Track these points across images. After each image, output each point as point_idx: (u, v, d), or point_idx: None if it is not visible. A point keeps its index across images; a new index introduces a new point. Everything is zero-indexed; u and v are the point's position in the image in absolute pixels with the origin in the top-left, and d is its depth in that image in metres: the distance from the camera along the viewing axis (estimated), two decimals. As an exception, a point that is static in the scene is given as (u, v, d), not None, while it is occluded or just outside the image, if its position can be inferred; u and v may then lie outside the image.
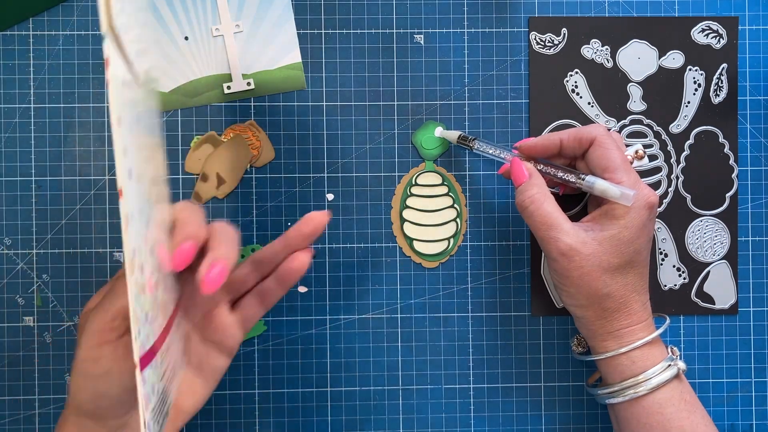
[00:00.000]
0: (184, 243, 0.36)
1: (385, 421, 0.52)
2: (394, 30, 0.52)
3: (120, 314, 0.36)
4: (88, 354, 0.36)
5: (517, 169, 0.46)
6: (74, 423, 0.38)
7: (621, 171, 0.44)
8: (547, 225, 0.43)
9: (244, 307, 0.42)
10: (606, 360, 0.45)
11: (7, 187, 0.51)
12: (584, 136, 0.45)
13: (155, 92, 0.39)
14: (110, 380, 0.36)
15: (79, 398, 0.37)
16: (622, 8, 0.53)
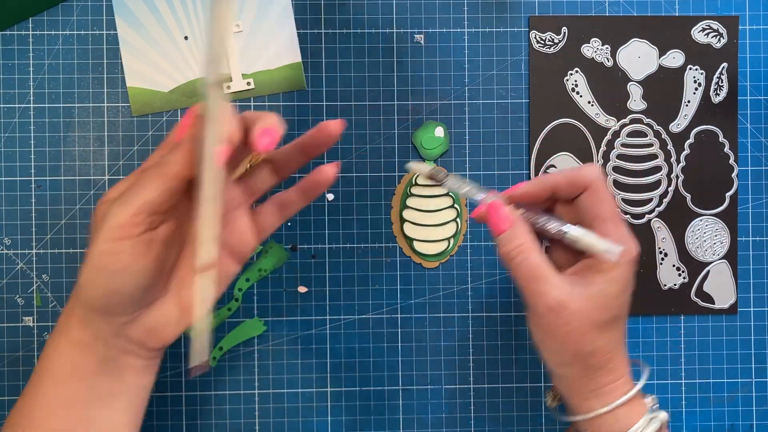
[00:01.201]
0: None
1: (385, 421, 0.52)
2: (394, 30, 0.52)
3: (145, 209, 0.35)
4: (106, 247, 0.35)
5: (499, 215, 0.41)
6: (80, 317, 0.37)
7: (611, 222, 0.41)
8: (535, 278, 0.40)
9: (263, 214, 0.41)
10: (588, 420, 0.42)
11: (7, 187, 0.51)
12: (580, 180, 0.42)
13: None
14: (126, 277, 0.35)
15: (91, 293, 0.36)
16: (623, 7, 0.53)
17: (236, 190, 0.41)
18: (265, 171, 0.41)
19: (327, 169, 0.40)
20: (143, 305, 0.37)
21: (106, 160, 0.51)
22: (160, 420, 0.51)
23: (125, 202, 0.35)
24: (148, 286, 0.36)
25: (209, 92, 0.29)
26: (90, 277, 0.36)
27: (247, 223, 0.41)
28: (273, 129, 0.35)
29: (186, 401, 0.51)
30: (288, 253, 0.52)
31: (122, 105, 0.51)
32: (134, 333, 0.38)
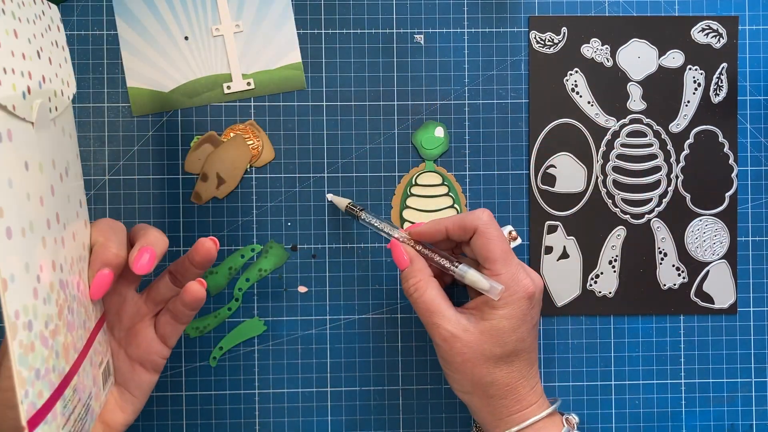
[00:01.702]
0: (102, 270, 0.37)
1: (385, 421, 0.52)
2: (394, 30, 0.52)
3: None
4: (7, 384, 0.35)
5: (398, 253, 0.46)
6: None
7: (500, 263, 0.44)
8: (430, 311, 0.44)
9: (161, 324, 0.43)
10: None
11: None
12: (467, 224, 0.45)
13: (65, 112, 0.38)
14: None
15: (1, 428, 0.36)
16: (622, 8, 0.53)
17: (140, 303, 0.42)
18: (166, 279, 0.43)
19: (193, 288, 0.41)
20: None
21: (106, 160, 0.51)
22: (160, 420, 0.51)
23: None
24: None
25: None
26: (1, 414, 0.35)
27: (152, 334, 0.42)
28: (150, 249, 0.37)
29: (186, 401, 0.51)
30: (288, 253, 0.52)
31: (122, 105, 0.51)
32: None
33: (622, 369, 0.53)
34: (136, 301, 0.43)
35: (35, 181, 0.32)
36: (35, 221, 0.31)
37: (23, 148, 0.31)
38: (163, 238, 0.40)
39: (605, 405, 0.53)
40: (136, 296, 0.43)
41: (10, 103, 0.30)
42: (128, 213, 0.51)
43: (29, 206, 0.31)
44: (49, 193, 0.34)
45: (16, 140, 0.30)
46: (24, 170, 0.31)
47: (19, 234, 0.30)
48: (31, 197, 0.31)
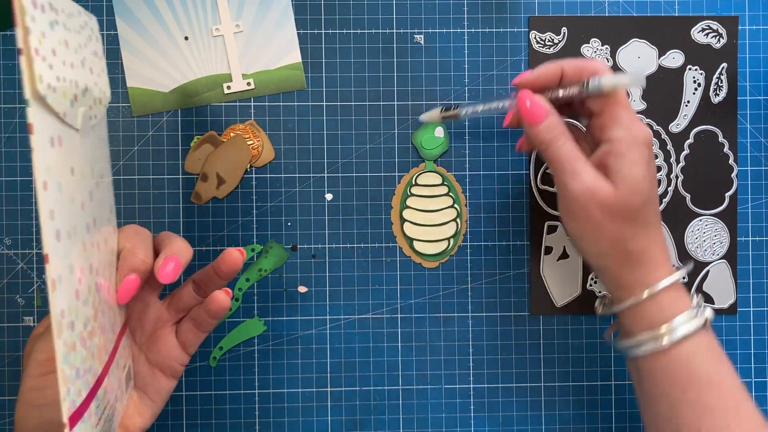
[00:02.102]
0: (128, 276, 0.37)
1: (385, 421, 0.52)
2: (394, 30, 0.52)
3: None
4: (33, 383, 0.36)
5: (536, 105, 0.43)
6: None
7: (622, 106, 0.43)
8: (574, 159, 0.42)
9: (183, 332, 0.43)
10: (632, 309, 0.43)
11: (7, 187, 0.51)
12: (587, 65, 0.44)
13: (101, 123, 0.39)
14: (56, 410, 0.36)
15: (25, 426, 0.37)
16: (622, 8, 0.53)
17: (162, 310, 0.43)
18: (189, 288, 0.43)
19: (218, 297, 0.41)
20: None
21: (106, 160, 0.51)
22: (160, 420, 0.51)
23: (47, 338, 0.36)
24: None
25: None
26: (24, 412, 0.37)
27: (173, 341, 0.43)
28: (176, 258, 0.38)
29: (186, 401, 0.51)
30: (288, 253, 0.52)
31: (122, 105, 0.51)
32: None
33: (622, 369, 0.53)
34: (159, 307, 0.43)
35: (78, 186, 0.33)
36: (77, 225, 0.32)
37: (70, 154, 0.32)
38: (188, 248, 0.40)
39: (605, 405, 0.53)
40: (158, 303, 0.43)
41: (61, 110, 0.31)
42: (128, 213, 0.51)
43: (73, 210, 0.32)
44: (88, 198, 0.35)
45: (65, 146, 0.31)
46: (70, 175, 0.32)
47: (65, 237, 0.31)
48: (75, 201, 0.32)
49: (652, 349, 0.42)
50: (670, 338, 0.42)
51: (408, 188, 0.52)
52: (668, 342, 0.42)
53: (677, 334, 0.42)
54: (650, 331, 0.42)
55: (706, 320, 0.42)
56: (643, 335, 0.43)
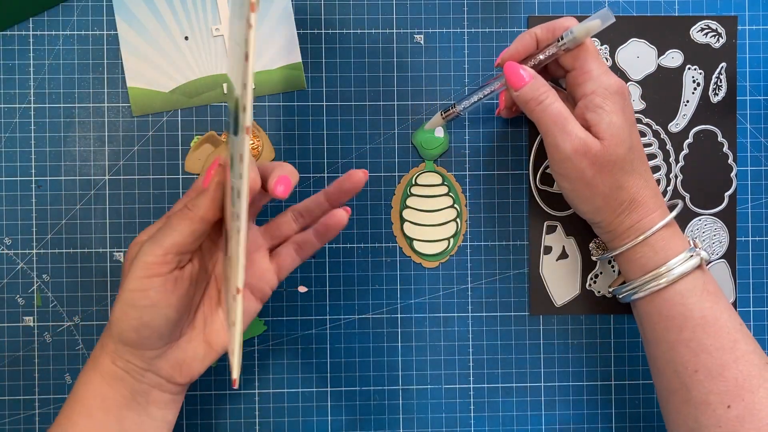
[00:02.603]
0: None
1: (385, 421, 0.52)
2: (394, 30, 0.52)
3: (173, 250, 0.38)
4: (137, 284, 0.38)
5: (515, 73, 0.45)
6: (112, 350, 0.40)
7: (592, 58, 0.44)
8: (564, 118, 0.43)
9: (281, 255, 0.44)
10: (627, 254, 0.45)
11: (7, 187, 0.51)
12: (556, 24, 0.45)
13: None
14: (156, 312, 0.38)
15: (122, 326, 0.38)
16: (622, 8, 0.53)
17: (258, 234, 0.44)
18: (288, 218, 0.45)
19: (339, 213, 0.43)
20: (172, 340, 0.40)
21: (107, 160, 0.51)
22: (160, 420, 0.51)
23: (155, 242, 0.38)
24: (176, 322, 0.39)
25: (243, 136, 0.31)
26: (122, 313, 0.38)
27: (268, 264, 0.44)
28: (288, 178, 0.39)
29: (186, 401, 0.51)
30: (288, 253, 0.52)
31: (122, 105, 0.51)
32: (163, 367, 0.40)
33: (622, 369, 0.53)
34: (254, 231, 0.44)
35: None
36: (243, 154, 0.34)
37: None
38: (296, 173, 0.41)
39: (605, 405, 0.53)
40: (254, 227, 0.44)
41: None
42: (128, 213, 0.51)
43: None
44: None
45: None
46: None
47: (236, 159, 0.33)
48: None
49: (648, 291, 0.44)
50: (665, 280, 0.43)
51: (408, 188, 0.52)
52: (664, 283, 0.43)
53: (672, 275, 0.43)
54: (646, 275, 0.44)
55: (701, 260, 0.43)
56: (640, 280, 0.44)
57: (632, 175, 0.44)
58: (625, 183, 0.43)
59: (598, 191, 0.44)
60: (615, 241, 0.45)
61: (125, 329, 0.38)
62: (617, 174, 0.43)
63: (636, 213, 0.44)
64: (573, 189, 0.45)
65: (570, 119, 0.43)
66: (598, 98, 0.43)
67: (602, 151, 0.43)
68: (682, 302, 0.43)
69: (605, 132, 0.43)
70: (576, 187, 0.44)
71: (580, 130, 0.43)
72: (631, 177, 0.44)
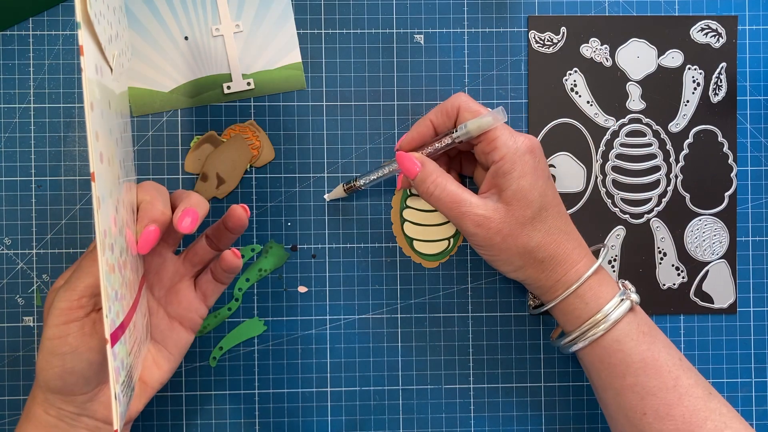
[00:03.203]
0: (148, 226, 0.38)
1: (385, 421, 0.52)
2: (394, 30, 0.52)
3: (87, 293, 0.37)
4: (55, 332, 0.37)
5: (408, 161, 0.46)
6: (42, 400, 0.39)
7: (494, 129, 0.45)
8: (457, 202, 0.44)
9: (203, 284, 0.45)
10: (560, 306, 0.45)
11: (7, 187, 0.51)
12: (448, 106, 0.46)
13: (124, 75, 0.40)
14: (77, 357, 0.37)
15: (47, 375, 0.38)
16: (622, 7, 0.53)
17: (179, 264, 0.44)
18: (203, 242, 0.45)
19: (229, 256, 0.43)
20: (101, 382, 0.40)
21: (106, 160, 0.51)
22: (160, 420, 0.51)
23: (68, 287, 0.38)
24: (100, 364, 0.38)
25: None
26: (45, 362, 0.38)
27: (193, 293, 0.44)
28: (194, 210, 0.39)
29: (186, 401, 0.51)
30: (288, 253, 0.52)
31: (122, 105, 0.51)
32: (98, 410, 0.40)
33: (622, 369, 0.53)
34: (175, 262, 0.44)
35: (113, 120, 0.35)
36: (113, 156, 0.34)
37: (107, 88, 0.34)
38: (204, 202, 0.41)
39: (605, 405, 0.53)
40: (174, 258, 0.45)
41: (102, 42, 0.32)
42: (128, 213, 0.51)
43: (110, 141, 0.33)
44: (119, 137, 0.36)
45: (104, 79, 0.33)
46: (108, 108, 0.33)
47: (106, 162, 0.32)
48: (112, 134, 0.34)
49: (587, 341, 0.44)
50: (601, 328, 0.43)
51: (408, 188, 0.52)
52: (601, 331, 0.43)
53: (607, 322, 0.43)
54: (581, 326, 0.44)
55: (631, 303, 0.44)
56: (576, 332, 0.44)
57: (547, 234, 0.44)
58: (540, 242, 0.44)
59: (512, 253, 0.44)
60: (546, 295, 0.46)
61: (50, 377, 0.38)
62: (528, 235, 0.44)
63: (560, 267, 0.44)
64: (489, 255, 0.45)
65: (464, 199, 0.44)
66: (506, 164, 0.43)
67: (505, 218, 0.43)
68: (620, 348, 0.43)
69: (512, 198, 0.43)
70: (491, 252, 0.45)
71: (477, 207, 0.44)
72: (545, 235, 0.44)
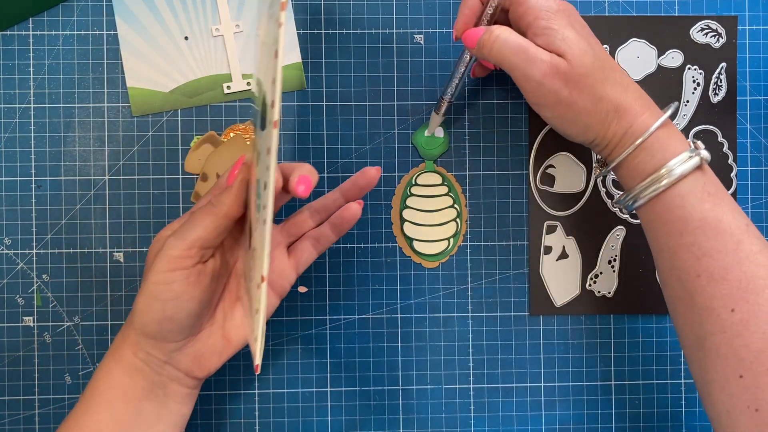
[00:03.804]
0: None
1: (385, 421, 0.52)
2: (394, 30, 0.52)
3: (197, 244, 0.39)
4: (161, 278, 0.39)
5: (472, 33, 0.44)
6: (134, 342, 0.41)
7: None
8: (523, 48, 0.42)
9: (299, 250, 0.46)
10: (625, 163, 0.43)
11: (7, 187, 0.51)
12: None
13: None
14: (178, 305, 0.39)
15: (145, 318, 0.39)
16: (622, 7, 0.53)
17: (276, 232, 0.46)
18: (305, 215, 0.47)
19: (354, 206, 0.45)
20: (192, 334, 0.41)
21: (106, 160, 0.51)
22: (160, 420, 0.51)
23: (180, 236, 0.39)
24: (198, 315, 0.41)
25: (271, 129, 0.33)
26: (145, 305, 0.39)
27: (286, 261, 0.45)
28: (308, 177, 0.39)
29: (186, 401, 0.51)
30: (288, 253, 0.52)
31: (122, 105, 0.51)
32: (182, 361, 0.41)
33: (622, 369, 0.53)
34: (273, 229, 0.45)
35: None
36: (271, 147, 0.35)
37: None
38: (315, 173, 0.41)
39: (605, 405, 0.53)
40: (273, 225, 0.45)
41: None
42: (128, 213, 0.51)
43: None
44: None
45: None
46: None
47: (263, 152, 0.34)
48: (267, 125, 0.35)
49: (647, 197, 0.42)
50: (664, 183, 0.41)
51: (408, 188, 0.52)
52: (663, 186, 0.41)
53: (671, 177, 0.41)
54: (645, 180, 0.42)
55: (701, 160, 0.41)
56: (639, 186, 0.42)
57: (607, 83, 0.42)
58: (603, 92, 0.42)
59: (579, 109, 0.42)
60: (613, 154, 0.44)
61: (148, 321, 0.39)
62: (592, 85, 0.42)
63: (624, 119, 0.42)
64: (556, 115, 0.43)
65: (531, 46, 0.42)
66: (542, 21, 0.42)
67: (569, 66, 0.41)
68: (681, 204, 0.41)
69: (562, 47, 0.42)
70: (558, 112, 0.43)
71: (544, 53, 0.42)
72: (606, 85, 0.42)
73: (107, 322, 0.51)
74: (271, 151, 0.33)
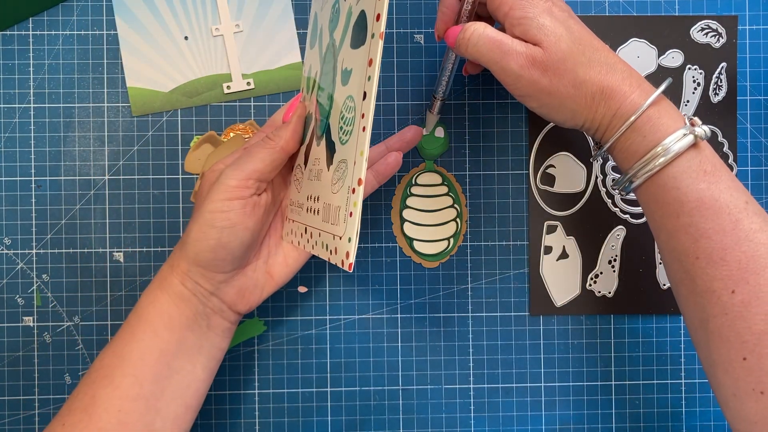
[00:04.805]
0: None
1: (385, 421, 0.52)
2: (394, 30, 0.52)
3: (254, 176, 0.41)
4: (218, 206, 0.41)
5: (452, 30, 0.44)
6: (184, 271, 0.42)
7: None
8: (498, 43, 0.41)
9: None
10: (618, 145, 0.42)
11: (7, 187, 0.51)
12: None
13: None
14: (233, 234, 0.41)
15: (199, 246, 0.41)
16: (622, 7, 0.53)
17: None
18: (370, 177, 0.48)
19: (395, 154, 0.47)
20: (240, 266, 0.43)
21: (106, 160, 0.51)
22: (160, 420, 0.51)
23: (237, 167, 0.41)
24: (249, 246, 0.42)
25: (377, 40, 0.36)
26: (201, 233, 0.41)
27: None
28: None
29: (186, 401, 0.51)
30: (288, 253, 0.52)
31: (122, 105, 0.51)
32: (228, 293, 0.43)
33: (622, 369, 0.53)
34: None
35: None
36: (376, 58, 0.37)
37: None
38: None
39: (605, 405, 0.53)
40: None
41: None
42: (128, 213, 0.51)
43: None
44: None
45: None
46: None
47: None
48: None
49: (642, 178, 0.41)
50: (659, 162, 0.40)
51: (408, 188, 0.52)
52: (658, 166, 0.40)
53: (663, 158, 0.39)
54: (639, 161, 0.41)
55: (695, 138, 0.40)
56: (633, 167, 0.41)
57: (590, 66, 0.41)
58: (585, 76, 0.41)
59: (562, 95, 0.41)
60: (605, 137, 0.43)
61: (202, 249, 0.41)
62: (572, 70, 0.41)
63: (612, 101, 0.41)
64: (541, 104, 0.43)
65: (505, 39, 0.41)
66: (517, 11, 0.41)
67: (545, 54, 0.41)
68: (676, 185, 0.40)
69: (538, 36, 0.41)
70: (542, 101, 0.42)
71: (519, 45, 0.41)
72: (589, 68, 0.41)
73: (107, 322, 0.51)
74: (375, 62, 0.36)
